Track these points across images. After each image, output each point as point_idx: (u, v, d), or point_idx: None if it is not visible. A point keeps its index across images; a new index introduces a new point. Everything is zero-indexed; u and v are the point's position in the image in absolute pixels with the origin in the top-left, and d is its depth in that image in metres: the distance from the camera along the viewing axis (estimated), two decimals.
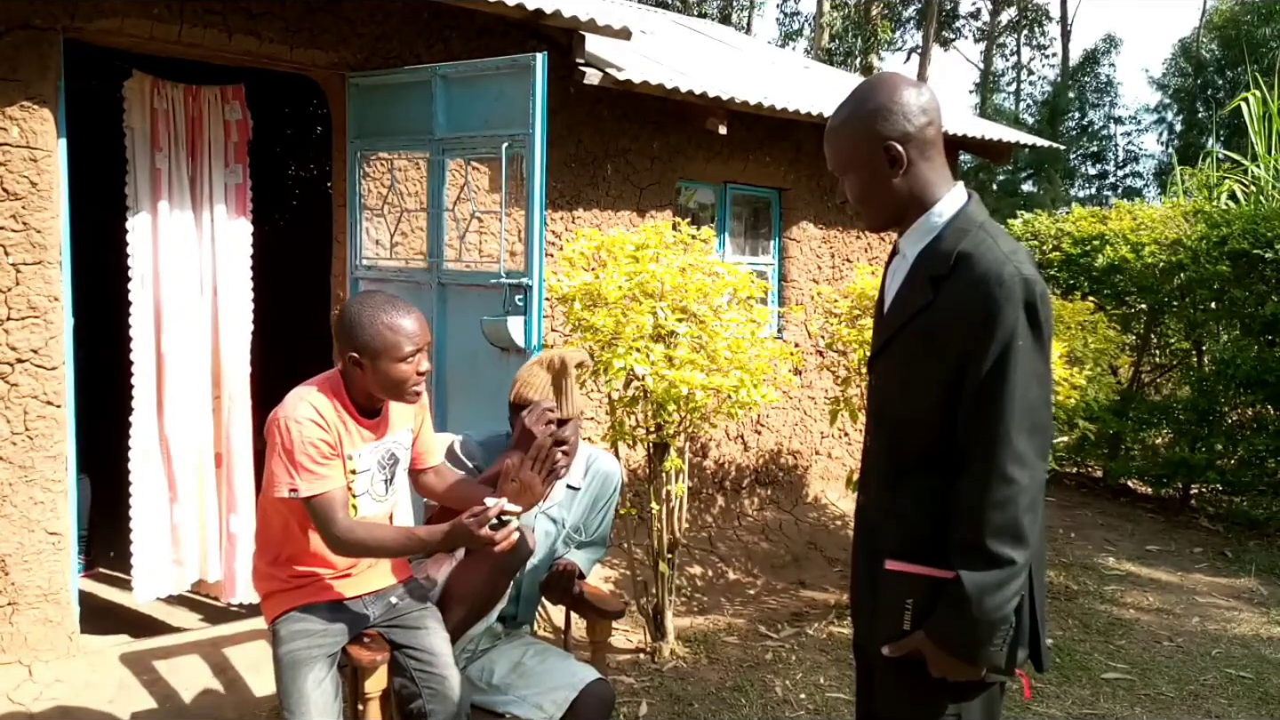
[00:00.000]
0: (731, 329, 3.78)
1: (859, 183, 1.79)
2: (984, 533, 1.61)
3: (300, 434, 2.17)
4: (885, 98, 1.72)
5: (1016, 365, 1.61)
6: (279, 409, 2.24)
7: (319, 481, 2.18)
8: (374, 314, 2.22)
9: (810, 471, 6.16)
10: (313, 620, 2.34)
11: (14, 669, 3.32)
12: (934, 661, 1.69)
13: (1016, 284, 1.61)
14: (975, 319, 1.63)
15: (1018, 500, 1.61)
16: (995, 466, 1.61)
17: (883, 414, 1.86)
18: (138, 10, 3.46)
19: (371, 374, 2.23)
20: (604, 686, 2.54)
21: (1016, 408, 1.60)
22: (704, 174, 5.51)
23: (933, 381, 1.70)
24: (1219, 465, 6.61)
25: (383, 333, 2.21)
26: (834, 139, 1.82)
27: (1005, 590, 1.61)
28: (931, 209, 1.75)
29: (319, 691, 2.29)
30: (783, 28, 29.89)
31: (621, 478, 2.88)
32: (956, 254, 1.68)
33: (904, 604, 1.72)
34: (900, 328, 1.77)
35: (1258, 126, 8.93)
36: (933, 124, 1.73)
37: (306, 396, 2.24)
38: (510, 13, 3.92)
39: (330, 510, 2.19)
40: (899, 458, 1.80)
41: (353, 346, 2.22)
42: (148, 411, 3.83)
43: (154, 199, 3.80)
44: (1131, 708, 3.78)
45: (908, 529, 1.75)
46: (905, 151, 1.72)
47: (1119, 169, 32.69)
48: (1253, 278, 6.43)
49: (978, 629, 1.63)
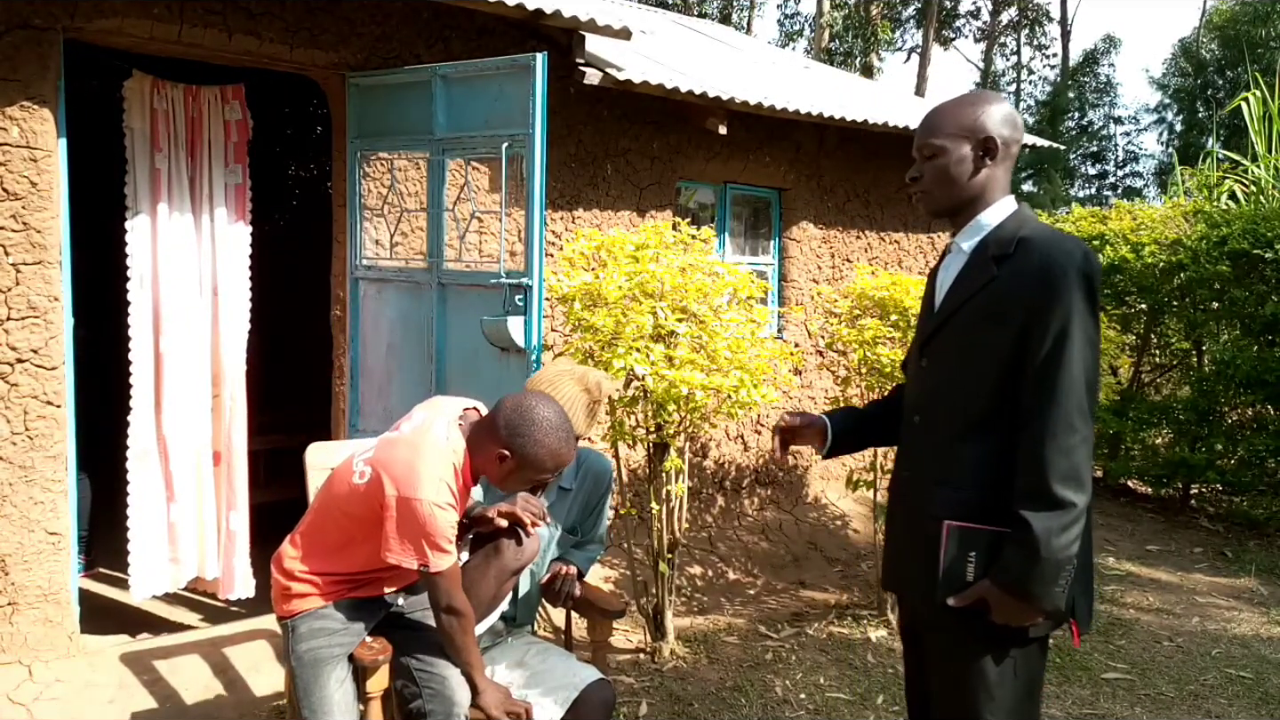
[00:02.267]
0: (731, 329, 3.78)
1: (947, 163, 1.94)
2: (1050, 477, 1.76)
3: (441, 519, 2.18)
4: (991, 104, 1.95)
5: (1077, 329, 1.78)
6: (413, 484, 2.17)
7: (448, 559, 2.21)
8: (552, 436, 2.24)
9: (810, 471, 6.16)
10: (333, 619, 2.34)
11: (14, 669, 3.32)
12: (998, 606, 1.82)
13: (1078, 254, 1.80)
14: (1041, 285, 1.80)
15: (1080, 449, 1.78)
16: (1062, 418, 1.77)
17: (938, 391, 2.00)
18: (138, 10, 3.46)
19: (505, 472, 2.28)
20: (604, 686, 2.54)
21: (1079, 367, 1.78)
22: (704, 174, 5.51)
23: (997, 348, 1.86)
24: (1219, 465, 6.61)
25: (545, 459, 2.25)
26: (937, 118, 1.97)
27: (1070, 532, 1.77)
28: (983, 213, 1.95)
29: (341, 691, 2.30)
30: (783, 28, 29.91)
31: (613, 475, 2.88)
32: (1018, 238, 1.88)
33: (967, 557, 1.86)
34: (961, 304, 1.93)
35: (1258, 126, 8.92)
36: (1020, 141, 1.97)
37: (445, 478, 2.21)
38: (510, 13, 3.92)
39: (454, 583, 2.25)
40: (953, 428, 1.94)
41: (512, 447, 2.24)
42: (146, 411, 3.83)
43: (153, 199, 3.80)
44: (1131, 708, 3.78)
45: (964, 493, 1.89)
46: (1000, 148, 1.92)
47: (1119, 169, 32.73)
48: (1253, 278, 6.43)
49: (1044, 569, 1.76)
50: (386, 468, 2.21)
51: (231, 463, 4.05)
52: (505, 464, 2.25)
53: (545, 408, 2.27)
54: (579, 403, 2.58)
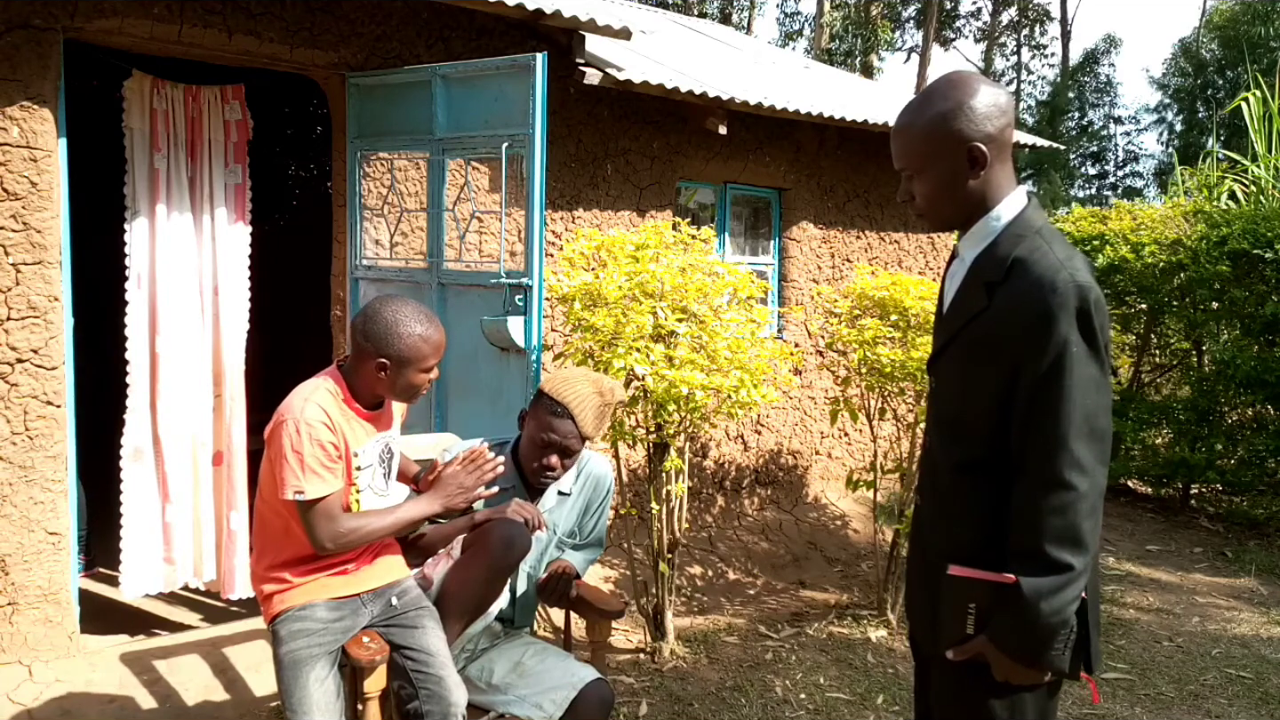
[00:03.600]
0: (731, 329, 3.78)
1: (934, 183, 1.75)
2: (1043, 539, 1.61)
3: (310, 436, 2.17)
4: (966, 96, 1.69)
5: (1071, 371, 1.61)
6: (284, 411, 2.23)
7: (323, 484, 2.19)
8: (409, 325, 2.25)
9: (810, 471, 6.16)
10: (312, 619, 2.34)
11: (14, 669, 3.32)
12: (997, 665, 1.70)
13: (1070, 291, 1.61)
14: (1029, 325, 1.63)
15: (1077, 506, 1.61)
16: (1053, 472, 1.61)
17: (941, 416, 1.87)
18: (138, 10, 3.46)
19: (391, 379, 2.27)
20: (603, 686, 2.54)
21: (1073, 414, 1.61)
22: (704, 174, 5.51)
23: (988, 386, 1.71)
24: (1219, 465, 6.61)
25: (417, 344, 2.25)
26: (909, 137, 1.76)
27: (1064, 595, 1.61)
28: (991, 212, 1.75)
29: (321, 690, 2.29)
30: (783, 28, 29.93)
31: (613, 479, 2.88)
32: (1011, 259, 1.69)
33: (967, 608, 1.72)
34: (958, 331, 1.78)
35: (1258, 126, 8.91)
36: (1009, 125, 1.72)
37: (312, 397, 2.24)
38: (510, 13, 3.92)
39: (331, 512, 2.21)
40: (955, 460, 1.80)
41: (381, 353, 2.24)
42: (142, 411, 3.83)
43: (152, 199, 3.80)
44: (1131, 708, 3.78)
45: (962, 532, 1.77)
46: (987, 152, 1.70)
47: (1119, 169, 32.73)
48: (1253, 278, 6.43)
49: (1037, 633, 1.63)
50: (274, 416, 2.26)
51: (232, 462, 4.05)
52: (389, 372, 2.25)
53: (390, 303, 2.29)
54: (590, 403, 2.57)
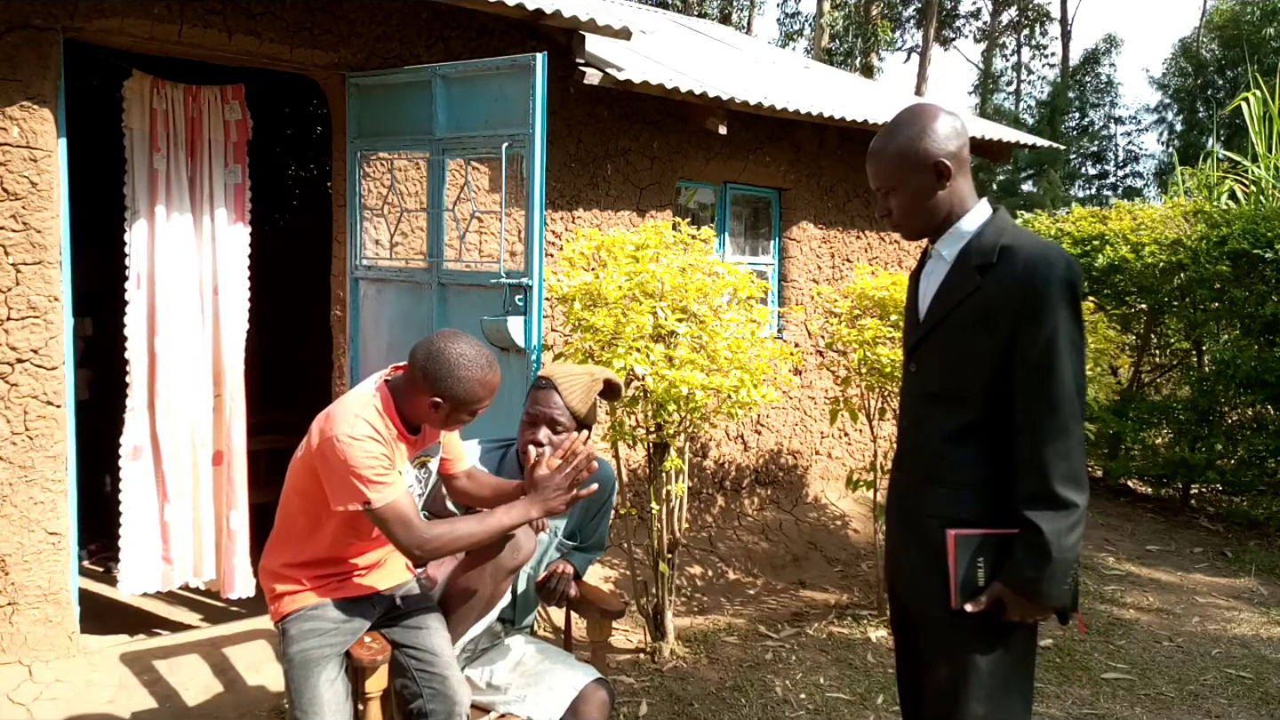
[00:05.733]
0: (731, 329, 3.78)
1: (907, 196, 2.00)
2: (1053, 481, 1.83)
3: (364, 450, 2.16)
4: (929, 121, 1.98)
5: (1064, 336, 1.84)
6: (330, 426, 2.19)
7: (389, 490, 2.18)
8: (470, 370, 2.23)
9: (810, 471, 6.16)
10: (324, 619, 2.34)
11: (14, 669, 3.32)
12: (1013, 606, 1.89)
13: (1060, 263, 1.85)
14: (1027, 295, 1.85)
15: (1076, 451, 1.85)
16: (1058, 423, 1.84)
17: (932, 392, 2.05)
18: (138, 10, 3.46)
19: (443, 416, 2.27)
20: (604, 686, 2.55)
21: (1069, 373, 1.84)
22: (704, 174, 5.51)
23: (984, 355, 1.91)
24: (1219, 465, 6.61)
25: (475, 390, 2.24)
26: (884, 158, 2.02)
27: (1075, 531, 1.85)
28: (963, 219, 2.00)
29: (332, 691, 2.29)
30: (783, 28, 29.96)
31: (616, 482, 2.88)
32: (1000, 246, 1.92)
33: (976, 563, 1.92)
34: (948, 313, 1.98)
35: (1258, 126, 8.92)
36: (966, 145, 2.01)
37: (361, 414, 2.21)
38: (510, 13, 3.92)
39: (407, 515, 2.20)
40: (949, 430, 1.99)
41: (438, 392, 2.22)
42: (141, 411, 3.83)
43: (152, 199, 3.80)
44: (1131, 708, 3.78)
45: (956, 491, 1.96)
46: (951, 167, 1.96)
47: (1119, 169, 32.72)
48: (1253, 278, 6.43)
49: (1055, 569, 1.83)
50: (318, 424, 2.25)
51: (231, 462, 4.05)
52: (440, 410, 2.25)
53: (455, 344, 2.26)
54: (578, 380, 2.62)
